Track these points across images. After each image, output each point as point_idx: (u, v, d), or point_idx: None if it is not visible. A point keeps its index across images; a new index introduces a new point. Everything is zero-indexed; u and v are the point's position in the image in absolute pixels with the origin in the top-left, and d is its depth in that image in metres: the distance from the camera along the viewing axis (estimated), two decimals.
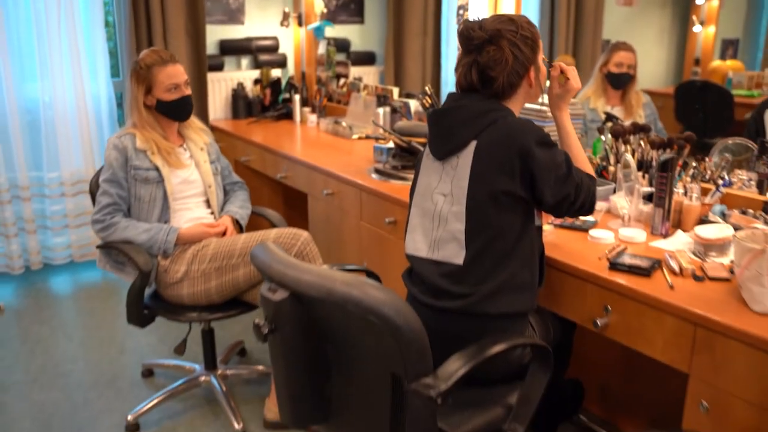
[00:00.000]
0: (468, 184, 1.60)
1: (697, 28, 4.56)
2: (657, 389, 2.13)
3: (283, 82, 4.28)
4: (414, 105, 3.34)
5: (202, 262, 2.28)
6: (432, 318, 1.57)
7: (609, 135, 2.31)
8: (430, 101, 2.67)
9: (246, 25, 4.23)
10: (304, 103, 4.19)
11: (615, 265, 1.66)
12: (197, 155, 2.47)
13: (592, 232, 1.89)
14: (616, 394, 2.32)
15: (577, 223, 1.98)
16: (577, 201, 1.63)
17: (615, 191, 2.17)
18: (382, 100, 3.57)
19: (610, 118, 2.72)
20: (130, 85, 2.36)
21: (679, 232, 1.91)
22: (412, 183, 1.81)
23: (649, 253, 1.74)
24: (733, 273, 1.57)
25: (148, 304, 2.35)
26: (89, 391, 2.64)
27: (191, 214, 2.42)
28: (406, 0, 4.30)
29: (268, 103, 4.21)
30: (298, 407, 1.50)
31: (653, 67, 4.71)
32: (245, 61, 4.30)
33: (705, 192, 1.99)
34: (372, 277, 1.87)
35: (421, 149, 1.84)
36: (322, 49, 4.21)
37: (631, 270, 1.63)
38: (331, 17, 4.27)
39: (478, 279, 1.60)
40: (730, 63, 4.44)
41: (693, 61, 4.65)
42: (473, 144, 1.60)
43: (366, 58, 4.51)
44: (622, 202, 2.03)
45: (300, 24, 4.30)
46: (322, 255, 2.38)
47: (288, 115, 4.14)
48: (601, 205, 2.04)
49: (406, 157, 2.62)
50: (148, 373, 2.76)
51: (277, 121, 4.11)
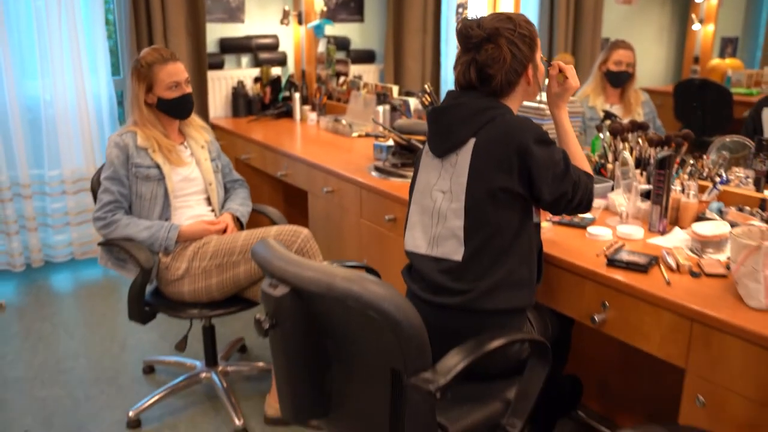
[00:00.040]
0: (467, 181, 1.61)
1: (696, 27, 4.56)
2: (654, 385, 2.15)
3: (283, 81, 4.29)
4: (413, 103, 3.35)
5: (203, 259, 2.29)
6: (431, 314, 1.58)
7: (607, 133, 2.32)
8: (429, 99, 2.68)
9: (246, 24, 4.24)
10: (304, 101, 4.20)
11: (613, 262, 1.67)
12: (198, 153, 2.48)
13: (591, 229, 1.90)
14: (613, 389, 2.33)
15: (576, 220, 1.99)
16: (574, 199, 1.64)
17: (613, 189, 2.18)
18: (382, 98, 3.58)
19: (608, 116, 2.72)
20: (131, 83, 2.37)
21: (676, 229, 1.92)
22: (411, 180, 1.81)
23: (647, 250, 1.76)
24: (729, 269, 1.58)
25: (149, 301, 2.36)
26: (91, 388, 2.65)
27: (192, 211, 2.43)
28: None
29: (268, 102, 4.21)
30: (298, 402, 1.51)
31: (652, 66, 4.71)
32: (245, 59, 4.31)
33: (702, 189, 2.00)
34: (372, 274, 1.88)
35: (421, 147, 1.85)
36: (322, 47, 4.22)
37: (629, 266, 1.65)
38: (330, 15, 4.27)
39: (476, 275, 1.61)
40: (729, 61, 4.44)
41: (692, 60, 4.65)
42: (472, 141, 1.62)
43: (366, 57, 4.51)
44: (620, 199, 2.05)
45: (300, 22, 4.30)
46: (323, 252, 2.39)
47: (288, 113, 4.15)
48: (599, 202, 2.05)
49: (405, 155, 2.63)
50: (149, 369, 2.77)
51: (277, 119, 4.12)
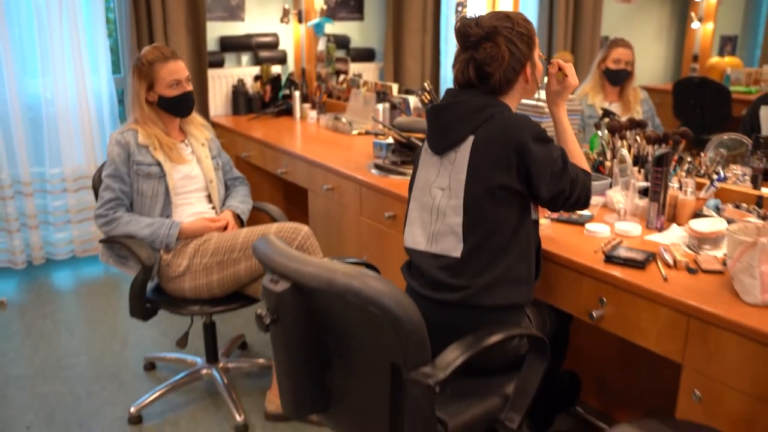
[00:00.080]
0: (465, 178, 1.62)
1: (695, 25, 4.56)
2: (652, 380, 2.16)
3: (283, 79, 4.30)
4: (413, 101, 3.36)
5: (204, 256, 2.30)
6: (430, 310, 1.59)
7: (606, 131, 2.33)
8: (428, 97, 2.69)
9: (246, 22, 4.25)
10: (304, 99, 4.21)
11: (610, 258, 1.68)
12: (199, 151, 2.49)
13: (589, 226, 1.91)
14: (611, 385, 2.34)
15: (574, 217, 2.01)
16: (572, 196, 1.66)
17: (611, 186, 2.19)
18: (382, 96, 3.59)
19: (607, 114, 2.73)
20: (132, 81, 2.38)
21: (673, 225, 1.94)
22: (410, 178, 1.83)
23: (644, 247, 1.77)
24: (725, 265, 1.59)
25: (150, 298, 2.38)
26: (92, 384, 2.66)
27: (193, 208, 2.44)
28: None
29: (269, 100, 4.22)
30: (299, 397, 1.52)
31: (651, 64, 4.71)
32: (245, 57, 4.32)
33: (700, 186, 2.01)
34: (372, 270, 1.89)
35: (420, 144, 1.86)
36: (321, 45, 4.23)
37: (627, 263, 1.66)
38: (330, 14, 4.28)
39: (475, 272, 1.63)
40: (728, 60, 4.45)
41: (691, 58, 4.65)
42: (471, 139, 1.63)
43: (365, 55, 4.52)
44: (618, 196, 2.06)
45: (300, 21, 4.31)
46: (323, 249, 2.40)
47: (288, 112, 4.16)
48: (597, 199, 2.06)
49: (405, 153, 2.64)
50: (151, 366, 2.78)
51: (277, 117, 4.13)
